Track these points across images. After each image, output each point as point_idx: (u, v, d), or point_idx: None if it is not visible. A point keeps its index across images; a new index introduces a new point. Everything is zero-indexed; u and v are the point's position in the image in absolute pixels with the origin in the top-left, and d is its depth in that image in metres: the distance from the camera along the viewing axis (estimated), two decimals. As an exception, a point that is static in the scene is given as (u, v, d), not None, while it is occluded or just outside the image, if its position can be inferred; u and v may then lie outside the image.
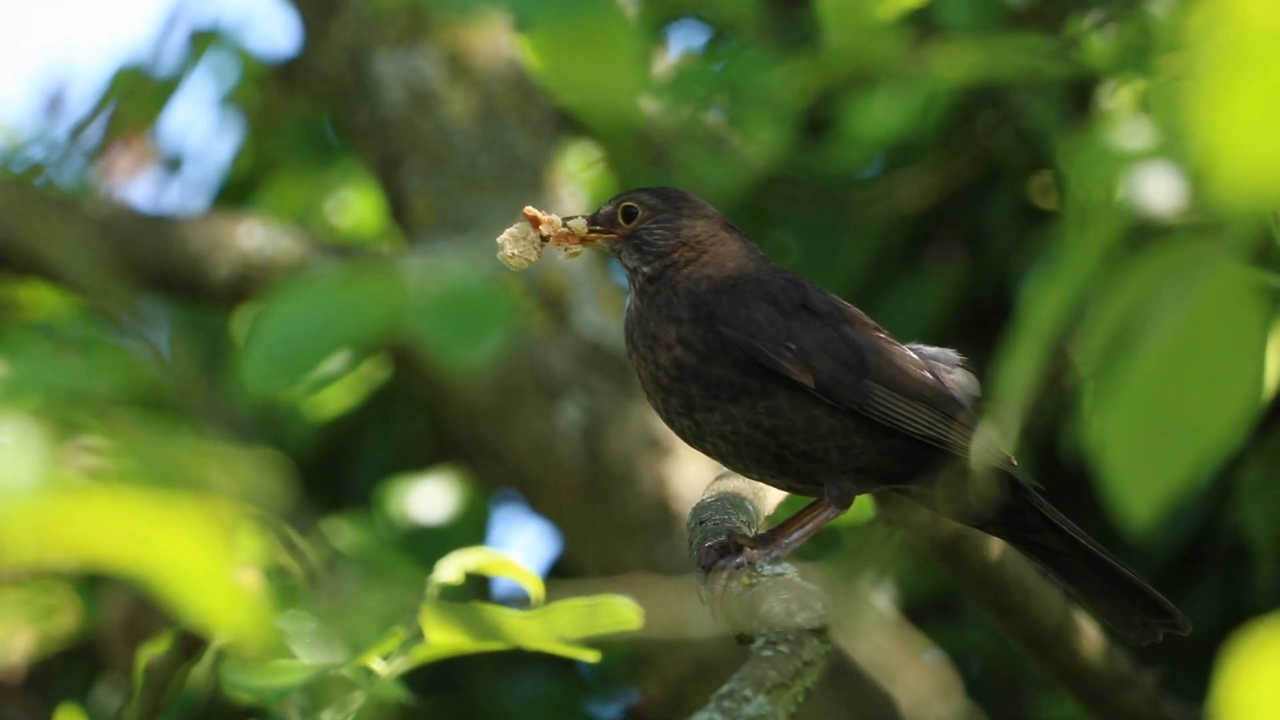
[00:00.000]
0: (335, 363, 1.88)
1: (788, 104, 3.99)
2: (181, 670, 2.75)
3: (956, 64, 3.37)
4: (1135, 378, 1.69)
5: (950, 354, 2.74)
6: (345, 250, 4.53)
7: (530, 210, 2.71)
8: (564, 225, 2.71)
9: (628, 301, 2.71)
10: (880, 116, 3.97)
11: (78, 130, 4.57)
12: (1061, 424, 4.25)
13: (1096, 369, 1.71)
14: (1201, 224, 1.69)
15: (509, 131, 4.44)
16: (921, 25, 4.29)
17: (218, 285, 4.44)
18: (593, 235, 2.71)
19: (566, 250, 2.72)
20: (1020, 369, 1.78)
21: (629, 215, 2.71)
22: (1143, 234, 1.75)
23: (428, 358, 1.86)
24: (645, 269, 2.68)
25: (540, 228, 2.70)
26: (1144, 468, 1.69)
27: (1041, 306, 1.77)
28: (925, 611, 4.52)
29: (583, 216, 2.73)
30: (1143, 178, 1.76)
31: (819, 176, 4.45)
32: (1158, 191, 1.75)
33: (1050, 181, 4.59)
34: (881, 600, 4.34)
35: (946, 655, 4.41)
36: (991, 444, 2.62)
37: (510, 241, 2.70)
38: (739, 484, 2.79)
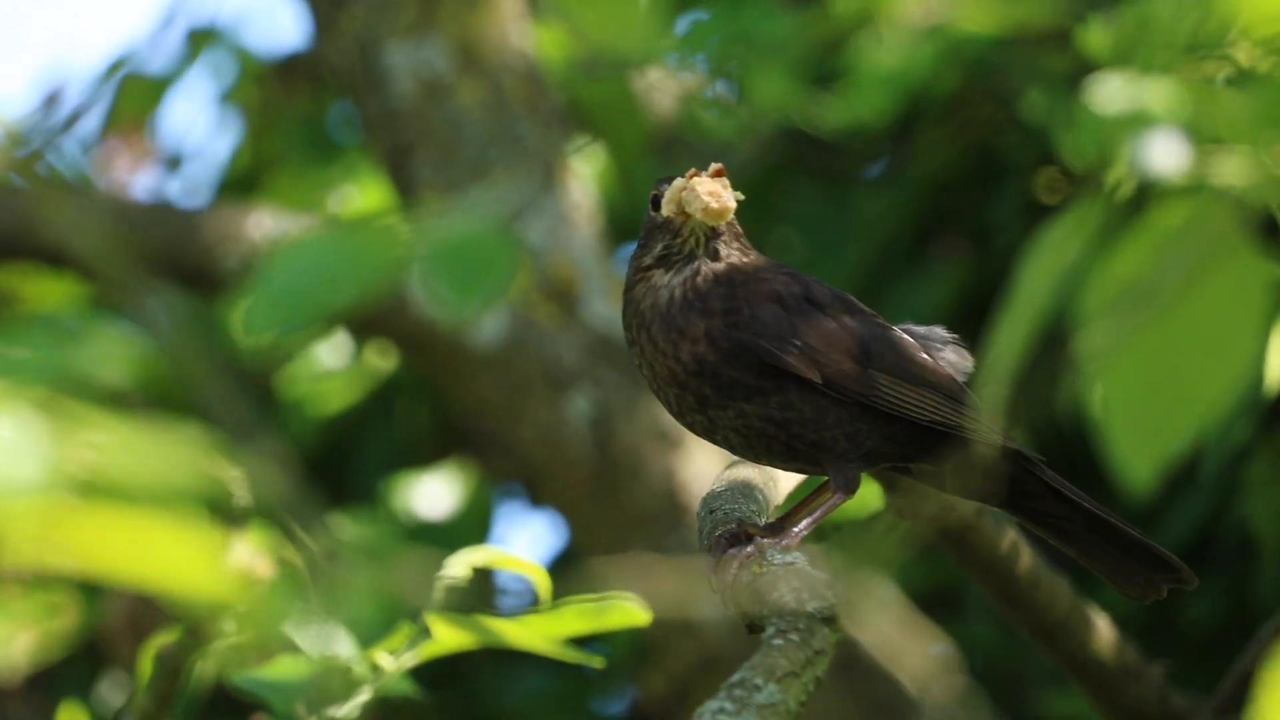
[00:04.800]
0: (334, 310, 1.85)
1: (798, 54, 3.95)
2: (192, 659, 2.75)
3: (971, 15, 3.35)
4: (1136, 340, 1.69)
5: (939, 331, 2.75)
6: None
7: (720, 166, 2.62)
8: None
9: (660, 285, 2.63)
10: (892, 60, 3.94)
11: (81, 135, 4.57)
12: (1059, 390, 4.25)
13: (1096, 332, 1.71)
14: (1206, 186, 1.69)
15: (519, 123, 4.44)
16: None
17: (227, 276, 4.44)
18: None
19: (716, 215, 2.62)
20: (1013, 333, 1.77)
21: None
22: (1145, 196, 1.74)
23: (426, 307, 1.83)
24: (732, 257, 2.63)
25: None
26: (1144, 430, 1.68)
27: (1037, 269, 1.76)
28: (928, 605, 4.52)
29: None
30: (1146, 140, 1.75)
31: (828, 131, 4.41)
32: (1162, 154, 1.74)
33: (1055, 177, 4.59)
34: (886, 588, 4.34)
35: (949, 648, 4.40)
36: (992, 418, 2.63)
37: (706, 194, 2.60)
38: (750, 472, 2.79)
